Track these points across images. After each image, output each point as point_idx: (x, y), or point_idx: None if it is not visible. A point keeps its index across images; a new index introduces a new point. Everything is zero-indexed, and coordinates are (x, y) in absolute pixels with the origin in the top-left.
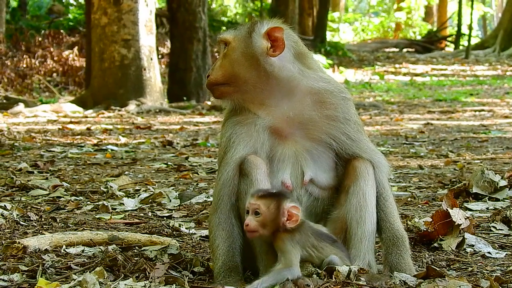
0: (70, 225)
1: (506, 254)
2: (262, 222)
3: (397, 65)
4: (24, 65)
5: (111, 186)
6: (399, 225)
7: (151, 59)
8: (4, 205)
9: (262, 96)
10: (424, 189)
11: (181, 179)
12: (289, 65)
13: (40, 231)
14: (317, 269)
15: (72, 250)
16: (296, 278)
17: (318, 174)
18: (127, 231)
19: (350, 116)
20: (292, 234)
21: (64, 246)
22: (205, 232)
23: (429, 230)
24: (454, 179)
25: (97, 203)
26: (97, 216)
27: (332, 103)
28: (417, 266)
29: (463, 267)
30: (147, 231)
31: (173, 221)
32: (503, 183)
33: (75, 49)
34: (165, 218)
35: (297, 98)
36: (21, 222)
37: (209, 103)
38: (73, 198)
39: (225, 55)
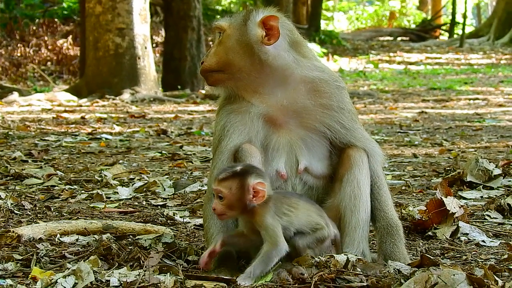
0: (65, 214)
1: (500, 243)
2: (228, 205)
3: (391, 54)
4: (19, 54)
5: (105, 175)
6: (393, 214)
7: (146, 48)
8: None
9: (256, 84)
10: (419, 178)
11: (175, 168)
12: (283, 54)
13: (35, 220)
14: (317, 258)
15: (66, 239)
16: (291, 267)
17: (312, 163)
18: (121, 220)
19: (344, 104)
20: (267, 206)
21: (58, 235)
22: (199, 221)
23: (423, 219)
24: (448, 168)
25: (91, 192)
26: (91, 205)
27: (326, 92)
28: (411, 255)
29: (457, 255)
30: (142, 220)
31: (168, 210)
32: (497, 171)
33: (70, 38)
34: (159, 207)
35: (291, 87)
36: (15, 211)
37: (203, 92)
38: (67, 187)
39: (220, 42)
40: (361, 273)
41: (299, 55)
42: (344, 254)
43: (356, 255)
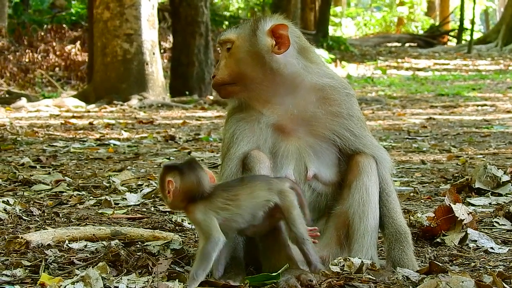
0: (73, 220)
1: (509, 250)
2: (163, 198)
3: (399, 60)
4: (27, 60)
5: (113, 181)
6: (402, 221)
7: (154, 53)
8: (7, 200)
9: (267, 93)
10: (427, 184)
11: None
12: (293, 61)
13: (43, 226)
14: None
15: (74, 245)
16: (299, 274)
17: (321, 170)
18: (129, 226)
19: (354, 112)
20: (199, 203)
21: (66, 241)
22: None
23: (431, 225)
24: (456, 174)
25: (99, 198)
26: (99, 211)
27: (336, 100)
28: (420, 262)
29: (466, 262)
30: (150, 226)
31: (176, 216)
32: (505, 178)
33: (78, 43)
34: (167, 213)
35: (301, 95)
36: (24, 217)
37: (211, 97)
38: (75, 193)
39: (230, 55)
40: (370, 279)
41: (308, 61)
42: (358, 258)
43: (371, 259)
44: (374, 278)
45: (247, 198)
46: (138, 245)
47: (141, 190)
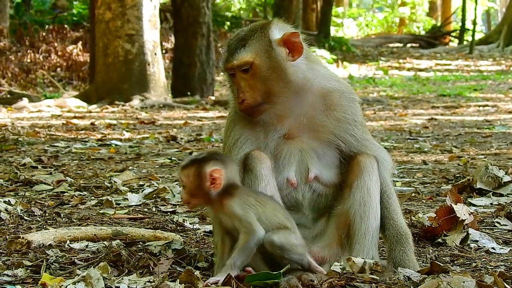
0: (74, 220)
1: (510, 250)
2: (190, 193)
3: (401, 60)
4: (28, 60)
5: (115, 181)
6: (402, 223)
7: (155, 54)
8: (8, 200)
9: (286, 105)
10: (428, 185)
11: None
12: (302, 66)
13: (44, 226)
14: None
15: (76, 245)
16: (300, 274)
17: (322, 172)
18: (131, 226)
19: (357, 117)
20: (233, 197)
21: (68, 241)
22: (209, 228)
23: (433, 226)
24: (458, 175)
25: (101, 198)
26: (101, 211)
27: (342, 106)
28: (421, 262)
29: (467, 262)
30: (151, 226)
31: (177, 216)
32: (507, 178)
33: (79, 44)
34: (169, 213)
35: (310, 103)
36: (25, 217)
37: (213, 98)
38: (77, 193)
39: (253, 75)
40: (371, 280)
41: (311, 62)
42: (361, 258)
43: (373, 259)
44: (377, 278)
45: (271, 211)
46: (139, 245)
47: (142, 191)
